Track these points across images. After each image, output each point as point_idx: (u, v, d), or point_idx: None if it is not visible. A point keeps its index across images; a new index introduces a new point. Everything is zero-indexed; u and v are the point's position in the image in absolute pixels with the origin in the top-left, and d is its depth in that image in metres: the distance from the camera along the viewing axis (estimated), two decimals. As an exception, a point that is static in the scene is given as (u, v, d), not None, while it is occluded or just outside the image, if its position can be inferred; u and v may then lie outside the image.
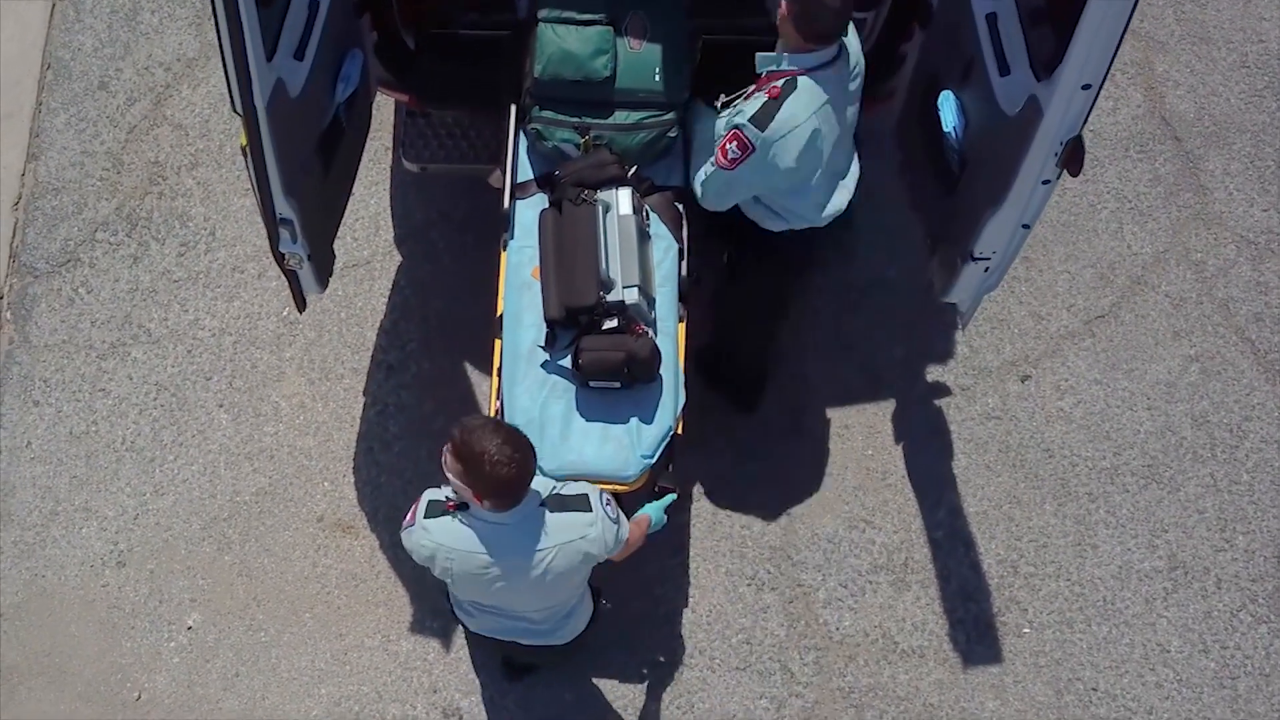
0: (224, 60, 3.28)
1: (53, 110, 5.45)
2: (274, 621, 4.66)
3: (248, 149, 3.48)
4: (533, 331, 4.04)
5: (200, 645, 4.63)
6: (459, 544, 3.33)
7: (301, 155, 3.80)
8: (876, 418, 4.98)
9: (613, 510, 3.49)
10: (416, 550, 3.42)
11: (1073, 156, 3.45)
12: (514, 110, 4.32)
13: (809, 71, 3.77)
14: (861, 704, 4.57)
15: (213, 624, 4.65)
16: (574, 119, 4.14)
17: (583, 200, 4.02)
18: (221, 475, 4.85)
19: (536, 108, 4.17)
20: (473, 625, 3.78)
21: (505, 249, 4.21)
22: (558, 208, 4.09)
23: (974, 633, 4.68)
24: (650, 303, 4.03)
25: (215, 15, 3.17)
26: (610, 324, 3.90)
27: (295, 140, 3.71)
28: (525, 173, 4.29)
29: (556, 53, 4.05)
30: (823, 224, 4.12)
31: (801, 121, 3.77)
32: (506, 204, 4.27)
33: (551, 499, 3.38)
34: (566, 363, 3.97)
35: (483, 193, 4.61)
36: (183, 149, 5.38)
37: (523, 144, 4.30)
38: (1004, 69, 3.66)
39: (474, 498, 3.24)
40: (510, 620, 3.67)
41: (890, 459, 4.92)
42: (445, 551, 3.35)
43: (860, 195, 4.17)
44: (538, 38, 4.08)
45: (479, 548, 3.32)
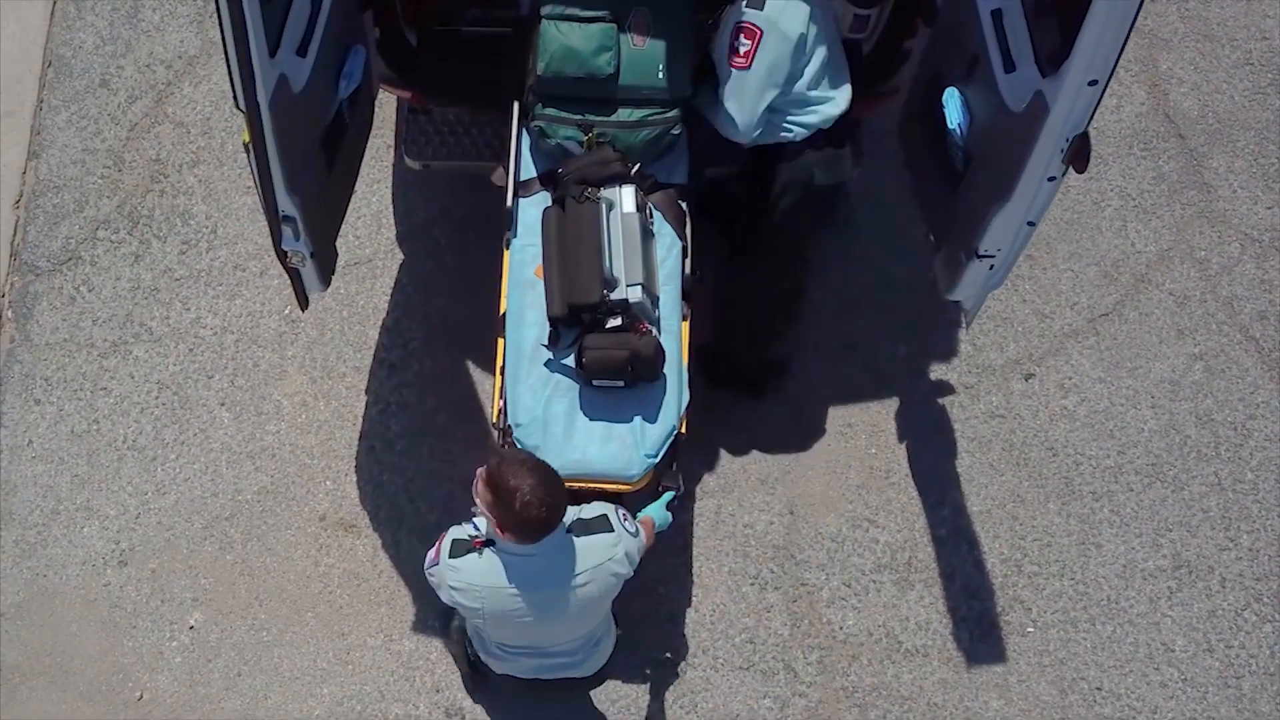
0: (227, 56, 3.26)
1: (54, 108, 5.43)
2: (276, 621, 4.64)
3: (250, 146, 3.47)
4: (536, 330, 4.02)
5: (202, 645, 4.61)
6: (489, 580, 3.28)
7: (304, 152, 3.78)
8: (880, 416, 4.97)
9: (631, 525, 3.47)
10: (443, 590, 3.37)
11: (1079, 153, 3.44)
12: (516, 108, 4.31)
13: None
14: (865, 703, 4.56)
15: (215, 623, 4.64)
16: (577, 116, 4.11)
17: (586, 198, 4.00)
18: (223, 474, 4.84)
19: (539, 105, 4.15)
20: (501, 669, 3.71)
21: (508, 247, 4.19)
22: (561, 205, 4.07)
23: (978, 632, 4.67)
24: (654, 301, 4.01)
25: (219, 11, 3.16)
26: (614, 322, 3.89)
27: (298, 137, 3.69)
28: (528, 170, 4.27)
29: (559, 50, 4.03)
30: (835, 117, 4.15)
31: None
32: (509, 202, 4.25)
33: (575, 524, 3.34)
34: (570, 361, 3.95)
35: (485, 190, 4.59)
36: (184, 146, 5.37)
37: (525, 141, 4.29)
38: (1009, 65, 3.65)
39: (496, 528, 3.20)
40: (541, 657, 3.60)
41: (893, 458, 4.91)
42: (475, 590, 3.30)
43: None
44: (540, 35, 4.05)
45: (510, 583, 3.27)
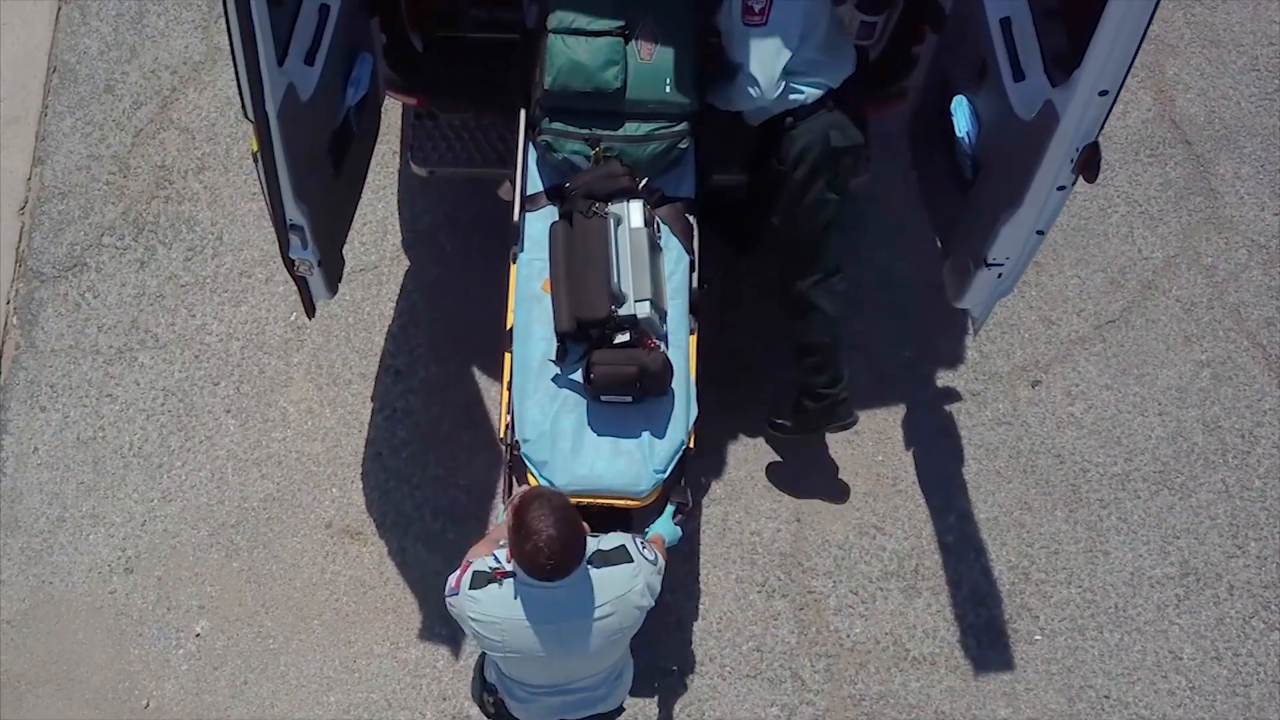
0: (235, 66, 3.26)
1: (58, 114, 5.42)
2: (282, 628, 4.63)
3: (259, 154, 3.46)
4: (543, 345, 4.01)
5: (208, 652, 4.60)
6: (509, 612, 3.25)
7: (312, 160, 3.78)
8: (886, 423, 4.96)
9: (650, 552, 3.44)
10: (465, 622, 3.34)
11: (1089, 162, 3.44)
12: (523, 122, 4.30)
13: None
14: (873, 711, 4.55)
15: (221, 631, 4.63)
16: (584, 131, 4.11)
17: (594, 213, 3.99)
18: (229, 481, 4.83)
19: (546, 119, 4.13)
20: (524, 713, 3.63)
21: (515, 261, 4.17)
22: (568, 220, 4.06)
23: (985, 639, 4.66)
24: (662, 316, 4.01)
25: (227, 21, 3.16)
26: (622, 338, 3.88)
27: (306, 146, 3.69)
28: (535, 185, 4.26)
29: (566, 64, 4.02)
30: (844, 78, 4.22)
31: None
32: (516, 216, 4.23)
33: (594, 556, 3.31)
34: (577, 376, 3.94)
35: (490, 196, 4.59)
36: (189, 153, 5.36)
37: (532, 156, 4.27)
38: (1018, 74, 3.64)
39: (509, 554, 3.20)
40: (564, 695, 3.54)
41: (900, 464, 4.90)
42: (495, 622, 3.27)
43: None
44: (547, 49, 4.04)
45: (530, 615, 3.24)
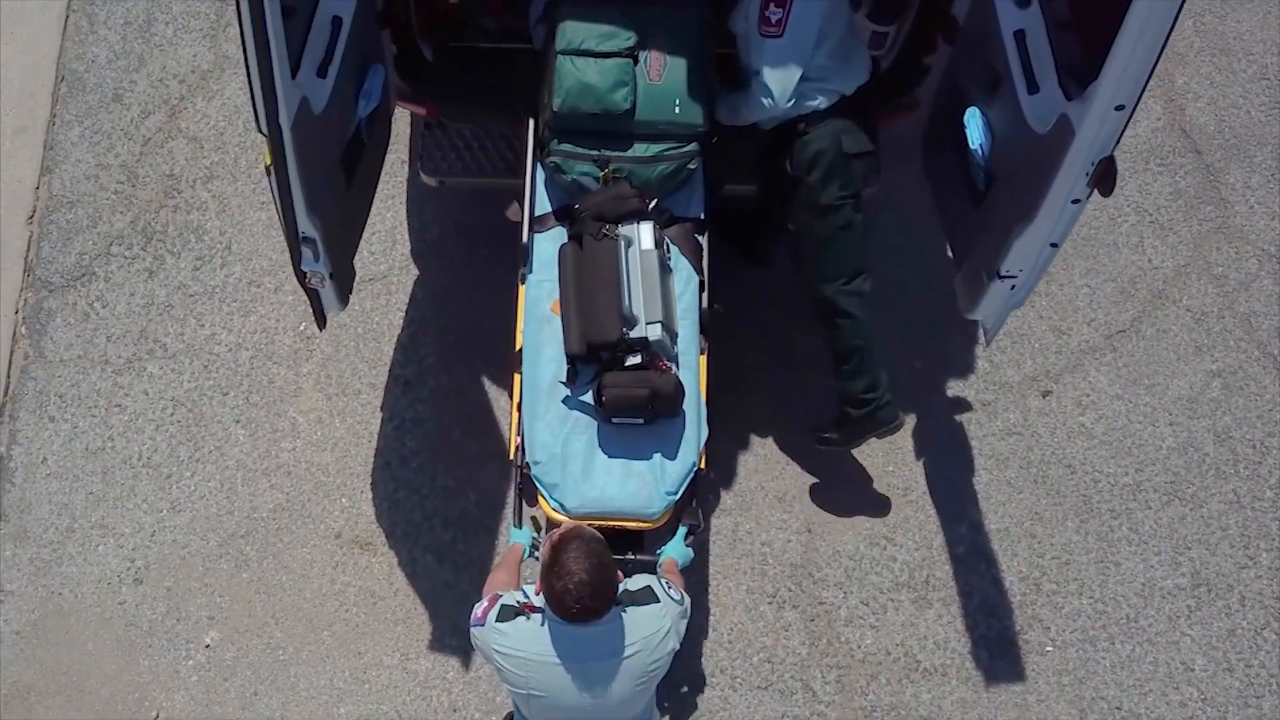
0: (249, 79, 3.25)
1: (67, 123, 5.42)
2: (292, 640, 4.62)
3: (272, 168, 3.46)
4: (553, 366, 3.99)
5: (218, 663, 4.59)
6: (536, 648, 3.22)
7: (324, 173, 3.78)
8: (897, 433, 4.94)
9: (676, 592, 3.42)
10: (488, 654, 3.31)
11: (1104, 176, 3.43)
12: (531, 142, 4.28)
13: None
14: (884, 723, 4.55)
15: (231, 642, 4.62)
16: (593, 152, 4.08)
17: (604, 235, 3.97)
18: (239, 492, 4.82)
19: (555, 140, 4.11)
20: None
21: (523, 282, 4.16)
22: (578, 242, 4.04)
23: (996, 651, 4.65)
24: (673, 338, 3.99)
25: (242, 34, 3.14)
26: (633, 360, 3.86)
27: (318, 158, 3.68)
28: (543, 205, 4.24)
29: (575, 85, 4.00)
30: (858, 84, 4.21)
31: None
32: (524, 237, 4.22)
33: (622, 596, 3.29)
34: (588, 398, 3.92)
35: (499, 205, 4.59)
36: (197, 162, 5.35)
37: (540, 176, 4.25)
38: (1033, 86, 3.64)
39: (536, 590, 3.18)
40: None
41: (911, 475, 4.89)
42: (522, 658, 3.24)
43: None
44: (556, 70, 4.01)
45: (560, 654, 3.22)
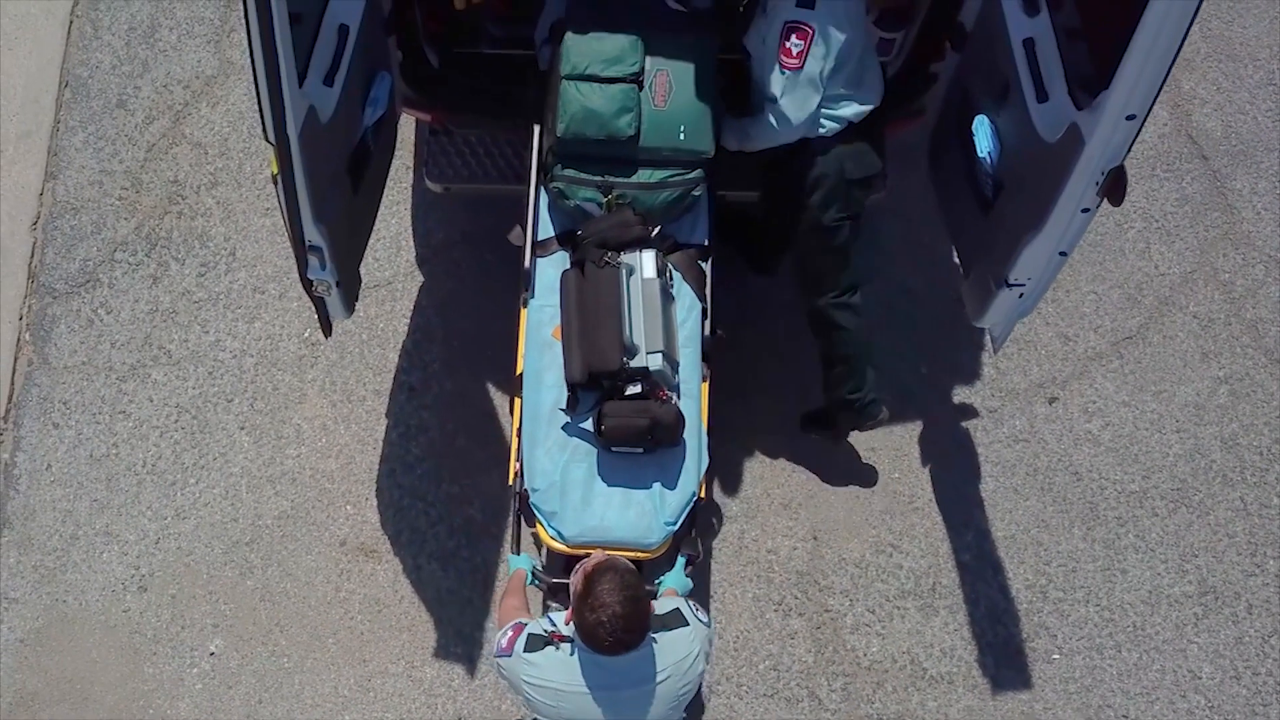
0: (256, 88, 3.24)
1: (71, 129, 5.41)
2: (297, 647, 4.61)
3: (279, 177, 3.44)
4: (554, 392, 3.97)
5: (223, 671, 4.58)
6: (567, 677, 3.20)
7: (331, 181, 3.76)
8: (903, 440, 4.94)
9: (703, 615, 3.40)
10: (516, 686, 3.28)
11: (1114, 186, 3.41)
12: (535, 167, 4.27)
13: None
14: (890, 731, 4.54)
15: (235, 649, 4.61)
16: (597, 178, 4.06)
17: (606, 262, 3.95)
18: (243, 499, 4.81)
19: (559, 165, 4.09)
20: None
21: (525, 306, 4.14)
22: (580, 268, 4.02)
23: (1003, 658, 4.64)
24: (674, 367, 3.97)
25: (249, 42, 3.13)
26: (633, 389, 3.83)
27: (325, 167, 3.67)
28: (546, 230, 4.23)
29: (579, 111, 3.97)
30: (866, 112, 4.15)
31: None
32: (527, 262, 4.20)
33: (652, 621, 3.24)
34: (588, 425, 3.89)
35: (504, 212, 4.56)
36: (202, 168, 5.34)
37: (544, 201, 4.23)
38: (1042, 95, 3.62)
39: (566, 619, 3.16)
40: None
41: (917, 482, 4.88)
42: (552, 688, 3.21)
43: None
44: (560, 95, 3.99)
45: (591, 683, 3.19)
